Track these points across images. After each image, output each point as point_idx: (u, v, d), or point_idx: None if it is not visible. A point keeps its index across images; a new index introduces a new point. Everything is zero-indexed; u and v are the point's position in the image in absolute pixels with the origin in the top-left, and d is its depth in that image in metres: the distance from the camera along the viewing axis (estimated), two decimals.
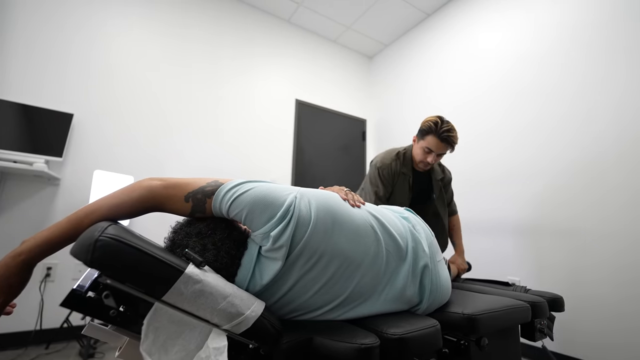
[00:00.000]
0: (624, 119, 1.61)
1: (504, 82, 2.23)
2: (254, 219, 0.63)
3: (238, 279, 0.63)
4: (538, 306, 0.98)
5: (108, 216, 0.58)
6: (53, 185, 1.94)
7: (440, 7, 2.87)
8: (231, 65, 2.76)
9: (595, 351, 1.59)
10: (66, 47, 2.08)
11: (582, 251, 1.69)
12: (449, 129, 1.35)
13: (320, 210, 0.67)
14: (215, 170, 2.52)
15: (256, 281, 0.63)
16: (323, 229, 0.66)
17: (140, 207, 0.61)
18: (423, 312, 0.78)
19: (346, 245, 0.67)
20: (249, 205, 0.62)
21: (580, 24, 1.86)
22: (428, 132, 1.39)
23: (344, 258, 0.66)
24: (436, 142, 1.37)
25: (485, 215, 2.21)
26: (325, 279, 0.65)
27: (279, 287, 0.64)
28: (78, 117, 2.04)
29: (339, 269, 0.66)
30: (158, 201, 0.62)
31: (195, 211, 0.65)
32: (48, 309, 1.81)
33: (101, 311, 0.48)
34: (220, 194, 0.64)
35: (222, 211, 0.64)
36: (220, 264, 0.61)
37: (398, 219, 0.84)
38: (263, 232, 0.62)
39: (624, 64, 1.64)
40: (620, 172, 1.60)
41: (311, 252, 0.64)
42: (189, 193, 0.64)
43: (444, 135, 1.35)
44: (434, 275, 0.79)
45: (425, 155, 1.43)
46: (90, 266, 0.46)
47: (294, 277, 0.64)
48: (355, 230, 0.70)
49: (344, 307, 0.69)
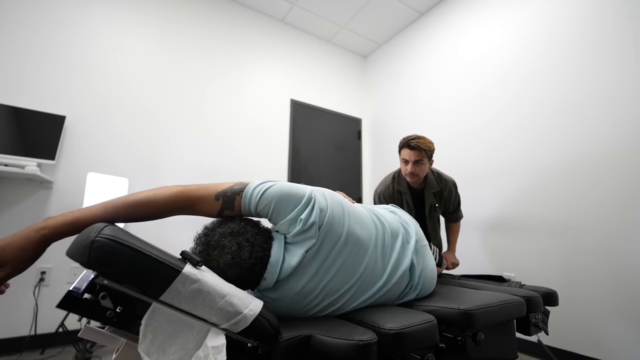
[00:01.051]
0: (614, 116, 1.64)
1: (499, 80, 2.25)
2: (281, 208, 0.71)
3: (270, 265, 0.68)
4: (533, 301, 0.99)
5: (138, 212, 0.61)
6: (46, 188, 1.92)
7: (434, 5, 2.89)
8: (226, 66, 2.75)
9: (589, 344, 1.62)
10: (57, 48, 2.06)
11: (576, 245, 1.72)
12: (415, 137, 1.53)
13: (332, 200, 0.78)
14: (212, 170, 2.51)
15: (287, 264, 0.68)
16: (338, 215, 0.75)
17: (171, 206, 0.65)
18: (414, 290, 0.88)
19: (357, 230, 0.78)
20: (276, 197, 0.71)
21: (575, 21, 1.88)
22: (401, 146, 1.57)
23: (355, 239, 0.76)
24: (407, 151, 1.53)
25: (480, 211, 2.23)
26: (342, 259, 0.73)
27: (306, 271, 0.70)
28: (70, 119, 2.02)
29: (353, 250, 0.75)
30: (191, 201, 0.67)
31: (225, 208, 0.71)
32: (43, 314, 1.79)
33: (98, 312, 0.48)
34: (249, 190, 0.71)
35: (250, 206, 0.71)
36: (255, 259, 0.66)
37: (388, 213, 0.98)
38: (291, 217, 0.70)
39: (615, 64, 1.67)
40: (611, 167, 1.62)
41: (333, 234, 0.73)
42: (219, 192, 0.70)
43: (412, 143, 1.51)
44: (420, 256, 0.91)
45: (404, 167, 1.58)
46: (87, 267, 0.46)
47: (322, 257, 0.71)
48: (361, 219, 0.81)
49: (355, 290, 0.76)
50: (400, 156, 1.59)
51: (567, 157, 1.81)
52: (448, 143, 2.55)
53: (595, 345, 1.59)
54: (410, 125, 2.95)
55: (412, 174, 1.57)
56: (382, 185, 1.71)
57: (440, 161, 2.48)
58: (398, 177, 1.69)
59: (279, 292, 0.69)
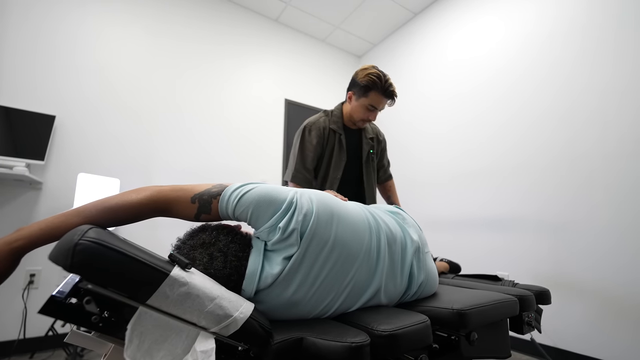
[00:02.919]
0: (606, 114, 1.66)
1: (492, 79, 2.27)
2: (260, 214, 0.66)
3: (248, 275, 0.63)
4: (525, 299, 1.00)
5: (113, 217, 0.59)
6: (35, 189, 1.88)
7: (427, 6, 2.90)
8: (219, 65, 2.73)
9: (581, 342, 1.63)
10: (47, 46, 2.03)
11: (568, 244, 1.73)
12: (391, 83, 1.28)
13: (319, 204, 0.71)
14: (205, 171, 2.49)
15: (267, 273, 0.64)
16: (325, 220, 0.69)
17: (146, 209, 0.62)
18: (412, 297, 0.84)
19: (347, 236, 0.71)
20: (254, 202, 0.65)
21: (569, 21, 1.90)
22: (371, 87, 1.27)
23: (343, 246, 0.70)
24: (381, 98, 1.28)
25: (474, 210, 2.24)
26: (329, 267, 0.68)
27: (292, 280, 0.64)
28: (61, 118, 1.99)
29: (340, 258, 0.69)
30: (166, 203, 0.64)
31: (201, 212, 0.67)
32: (32, 317, 1.75)
33: (82, 317, 0.46)
34: (226, 194, 0.67)
35: (228, 211, 0.67)
36: (230, 269, 0.63)
37: (388, 215, 0.90)
38: (270, 225, 0.65)
39: (611, 63, 1.69)
40: (604, 166, 1.64)
41: (318, 240, 0.67)
42: (195, 195, 0.66)
43: (389, 90, 1.27)
44: (422, 263, 0.84)
45: (367, 114, 1.33)
46: (70, 271, 0.44)
47: (307, 265, 0.65)
48: (352, 223, 0.74)
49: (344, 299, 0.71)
50: (367, 100, 1.30)
51: (560, 156, 1.82)
52: (442, 142, 2.56)
53: (587, 343, 1.61)
54: (404, 124, 2.96)
55: (367, 122, 1.38)
56: (310, 120, 1.42)
57: (434, 160, 2.49)
58: (331, 114, 1.43)
59: (265, 304, 0.65)
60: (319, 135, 1.37)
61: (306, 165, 1.36)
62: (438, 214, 2.47)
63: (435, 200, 2.53)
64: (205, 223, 0.71)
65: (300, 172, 1.36)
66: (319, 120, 1.40)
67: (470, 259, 2.20)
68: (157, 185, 0.65)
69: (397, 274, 0.80)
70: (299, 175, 1.36)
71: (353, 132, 1.46)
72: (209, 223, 0.71)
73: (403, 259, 0.82)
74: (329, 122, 1.40)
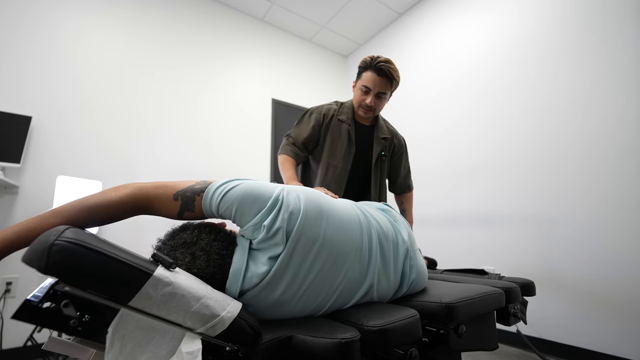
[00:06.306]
0: (580, 112, 1.72)
1: (471, 77, 2.31)
2: (244, 212, 0.63)
3: (232, 274, 0.61)
4: (511, 291, 1.02)
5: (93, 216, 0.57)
6: (10, 193, 1.80)
7: (411, 6, 2.94)
8: (204, 65, 2.69)
9: (564, 332, 1.68)
10: (22, 44, 1.94)
11: (551, 237, 1.79)
12: (385, 60, 1.18)
13: (308, 202, 0.68)
14: (190, 172, 2.45)
15: (252, 272, 0.61)
16: (313, 218, 0.66)
17: (127, 207, 0.60)
18: (403, 294, 0.84)
19: (335, 235, 0.68)
20: (238, 199, 0.63)
21: (537, 24, 1.96)
22: (364, 68, 1.21)
23: (333, 245, 0.67)
24: (373, 76, 1.18)
25: (461, 207, 2.28)
26: (319, 267, 0.65)
27: (280, 280, 0.62)
28: (37, 119, 1.91)
29: (329, 258, 0.67)
30: (148, 200, 0.62)
31: (184, 209, 0.65)
32: (9, 327, 1.68)
33: (60, 322, 0.44)
34: (210, 191, 0.65)
35: (212, 208, 0.65)
36: (214, 267, 0.61)
37: (378, 211, 0.88)
38: (254, 223, 0.62)
39: (573, 63, 1.75)
40: (581, 161, 1.70)
41: (306, 239, 0.64)
42: (178, 192, 0.64)
43: (381, 65, 1.16)
44: (413, 261, 0.84)
45: (363, 96, 1.24)
46: (46, 273, 0.42)
47: (295, 265, 0.63)
48: (342, 221, 0.71)
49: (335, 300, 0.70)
50: (359, 82, 1.24)
51: (542, 152, 1.88)
52: (428, 140, 2.59)
53: (570, 333, 1.66)
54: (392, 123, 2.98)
55: (368, 108, 1.25)
56: (319, 106, 1.36)
57: (426, 159, 2.52)
58: (341, 105, 1.37)
59: (253, 306, 0.62)
60: (317, 119, 1.32)
61: (298, 141, 1.33)
62: (425, 211, 2.50)
63: (421, 197, 2.57)
64: (187, 222, 0.69)
65: (289, 145, 1.34)
66: (324, 106, 1.35)
67: (455, 254, 2.23)
68: (139, 182, 0.63)
69: (390, 272, 0.78)
70: (287, 147, 1.34)
71: (363, 127, 1.36)
72: (191, 222, 0.69)
73: (395, 257, 0.81)
74: (338, 112, 1.34)
